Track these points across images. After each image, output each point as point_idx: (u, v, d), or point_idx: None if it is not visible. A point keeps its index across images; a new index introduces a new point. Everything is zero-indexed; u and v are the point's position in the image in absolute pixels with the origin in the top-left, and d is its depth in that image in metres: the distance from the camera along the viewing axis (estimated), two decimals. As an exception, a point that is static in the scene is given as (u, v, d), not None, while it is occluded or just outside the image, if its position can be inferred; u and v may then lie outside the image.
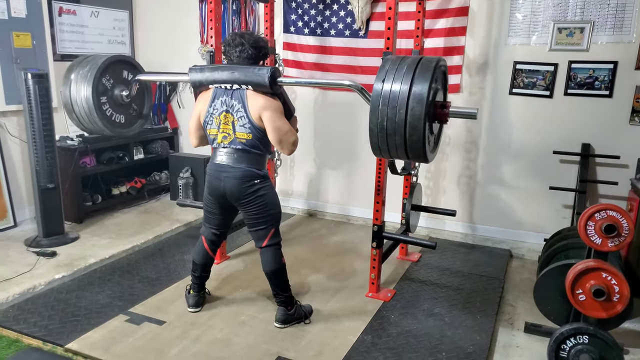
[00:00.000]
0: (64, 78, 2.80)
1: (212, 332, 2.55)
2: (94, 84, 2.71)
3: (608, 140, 3.58)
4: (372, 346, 2.47)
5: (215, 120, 2.50)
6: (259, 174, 2.51)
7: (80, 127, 2.90)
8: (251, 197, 2.50)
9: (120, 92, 2.91)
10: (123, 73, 2.96)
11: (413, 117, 2.07)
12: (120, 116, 2.94)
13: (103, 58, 2.84)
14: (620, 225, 2.02)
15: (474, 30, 3.85)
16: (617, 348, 2.04)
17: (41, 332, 2.50)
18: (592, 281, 2.04)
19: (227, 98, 2.48)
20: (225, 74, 2.47)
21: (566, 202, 3.79)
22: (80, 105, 2.75)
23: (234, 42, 2.52)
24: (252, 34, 2.58)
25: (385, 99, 2.12)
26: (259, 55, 2.56)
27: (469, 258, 3.72)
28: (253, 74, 2.42)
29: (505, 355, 2.51)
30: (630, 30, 3.42)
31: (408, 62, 2.19)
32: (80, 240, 3.69)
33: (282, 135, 2.45)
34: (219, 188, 2.53)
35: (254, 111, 2.43)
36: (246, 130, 2.45)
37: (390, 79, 2.13)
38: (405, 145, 2.14)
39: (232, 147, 2.49)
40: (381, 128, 2.15)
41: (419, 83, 2.08)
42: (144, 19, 5.03)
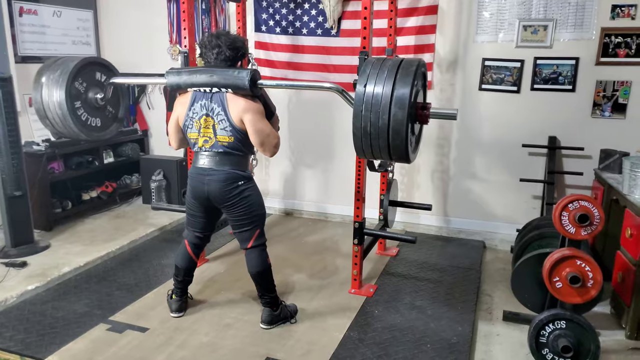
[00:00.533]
0: (34, 82, 2.70)
1: (198, 336, 2.53)
2: (66, 88, 2.62)
3: (572, 133, 3.73)
4: (359, 342, 2.51)
5: (196, 124, 2.47)
6: (242, 175, 2.50)
7: (54, 132, 2.80)
8: (235, 199, 2.49)
9: (94, 95, 2.83)
10: (96, 75, 2.88)
11: (396, 122, 2.11)
12: (96, 119, 2.86)
13: (75, 61, 2.75)
14: (592, 215, 2.12)
15: (443, 28, 3.93)
16: (592, 331, 2.15)
17: (18, 347, 2.41)
18: (568, 269, 2.13)
19: (207, 102, 2.45)
20: (203, 77, 2.43)
21: (535, 193, 3.93)
22: (54, 111, 2.65)
23: (211, 44, 2.48)
24: (229, 34, 2.54)
25: (367, 103, 2.15)
26: (237, 56, 2.53)
27: (445, 250, 3.82)
28: (233, 77, 2.39)
29: (486, 344, 2.59)
30: (590, 28, 3.57)
31: (389, 65, 2.21)
32: (51, 249, 3.57)
33: (264, 137, 2.45)
34: (203, 191, 2.50)
35: (235, 114, 2.41)
36: (227, 133, 2.43)
37: (372, 82, 2.16)
38: (389, 148, 2.18)
39: (214, 150, 2.46)
40: (365, 133, 2.19)
41: (400, 87, 2.11)
42: (109, 19, 4.90)
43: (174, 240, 3.93)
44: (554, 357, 2.19)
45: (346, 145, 4.38)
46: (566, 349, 2.10)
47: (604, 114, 3.63)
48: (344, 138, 4.37)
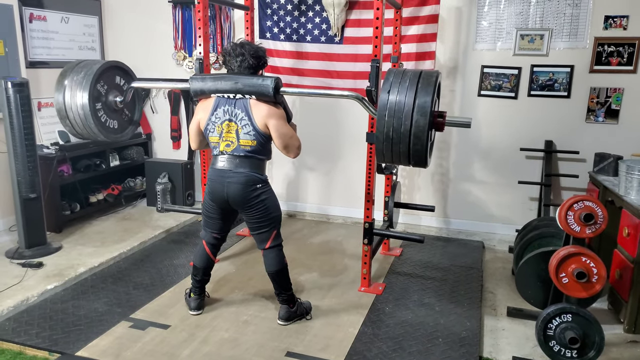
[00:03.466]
0: (56, 83, 2.77)
1: (219, 332, 2.62)
2: (90, 89, 2.70)
3: (568, 137, 3.91)
4: (373, 337, 2.62)
5: (217, 129, 2.57)
6: (260, 178, 2.60)
7: (73, 133, 2.87)
8: (254, 202, 2.59)
9: (114, 98, 2.91)
10: (116, 79, 2.96)
11: (417, 128, 2.25)
12: (114, 122, 2.94)
13: (98, 64, 2.83)
14: (596, 214, 2.27)
15: (444, 37, 4.09)
16: (596, 323, 2.29)
17: (45, 343, 2.48)
18: (574, 265, 2.28)
19: (230, 107, 2.55)
20: (228, 84, 2.53)
21: (532, 195, 4.10)
22: (76, 112, 2.73)
23: (235, 52, 2.59)
24: (251, 44, 2.66)
25: (391, 110, 2.29)
26: (259, 64, 2.64)
27: (446, 250, 3.95)
28: (257, 84, 2.51)
29: (494, 338, 2.72)
30: (584, 37, 3.75)
31: (410, 76, 2.36)
32: (64, 250, 3.63)
33: (288, 140, 2.58)
34: (222, 193, 2.59)
35: (259, 119, 2.52)
36: (251, 137, 2.54)
37: (395, 91, 2.30)
38: (409, 153, 2.32)
39: (235, 153, 2.56)
40: (387, 137, 2.31)
41: (422, 96, 2.26)
42: (113, 25, 4.96)
43: (182, 242, 4.01)
44: (560, 348, 2.33)
45: (348, 148, 4.52)
46: (573, 341, 2.24)
47: (597, 119, 3.82)
48: (346, 141, 4.51)
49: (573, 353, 2.32)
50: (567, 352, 2.32)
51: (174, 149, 5.11)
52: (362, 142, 4.29)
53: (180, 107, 4.98)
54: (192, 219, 4.48)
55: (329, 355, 2.44)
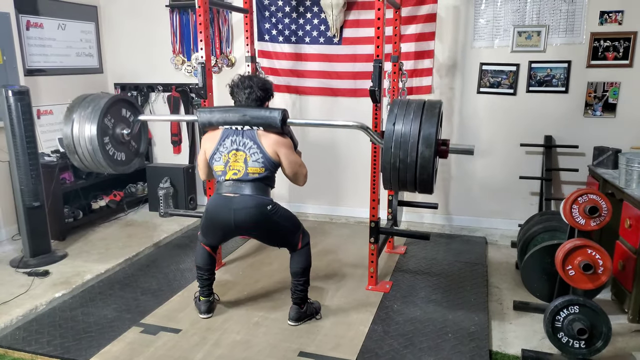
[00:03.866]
0: (64, 118, 2.79)
1: (230, 335, 2.64)
2: (98, 124, 2.72)
3: (567, 132, 3.95)
4: (384, 334, 2.65)
5: (223, 158, 2.60)
6: (268, 200, 2.60)
7: (81, 167, 2.88)
8: (267, 225, 2.59)
9: (121, 130, 2.94)
10: (122, 112, 2.98)
11: (423, 159, 2.31)
12: (121, 154, 2.96)
13: (105, 98, 2.86)
14: (600, 207, 2.30)
15: (442, 35, 4.12)
16: (603, 314, 2.32)
17: (57, 351, 2.48)
18: (580, 257, 2.31)
19: (238, 138, 2.60)
20: (237, 116, 2.59)
21: (532, 189, 4.14)
22: (84, 146, 2.74)
23: (243, 85, 2.67)
24: (259, 77, 2.76)
25: (397, 141, 2.35)
26: (266, 96, 2.72)
27: (450, 247, 3.99)
28: (265, 116, 2.57)
29: (501, 332, 2.75)
30: (581, 33, 3.80)
31: (414, 107, 2.42)
32: (69, 258, 3.63)
33: (297, 168, 2.65)
34: (229, 219, 2.56)
35: (269, 147, 2.57)
36: (259, 164, 2.57)
37: (400, 122, 2.36)
38: (416, 182, 2.38)
39: (243, 179, 2.56)
40: (394, 167, 2.37)
41: (427, 127, 2.32)
42: (110, 30, 4.96)
43: (187, 246, 4.02)
44: (568, 340, 2.36)
45: (350, 149, 4.54)
46: (582, 332, 2.27)
47: (595, 113, 3.86)
48: (348, 142, 4.53)
49: (581, 344, 2.35)
50: (575, 343, 2.35)
51: (175, 153, 5.11)
52: (364, 141, 4.33)
53: (179, 111, 4.98)
54: (196, 223, 4.48)
55: (341, 354, 2.46)
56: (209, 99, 3.31)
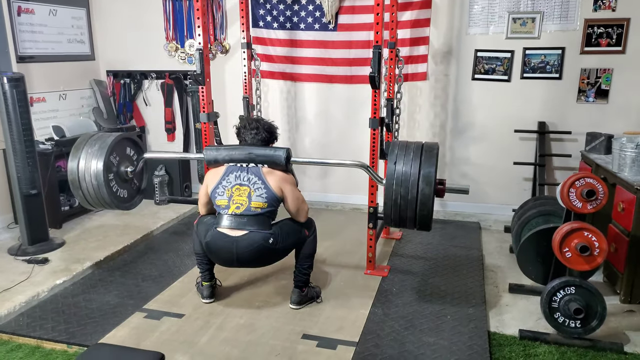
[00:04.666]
0: (71, 155, 2.83)
1: (234, 319, 2.67)
2: (105, 160, 2.77)
3: (560, 118, 4.02)
4: (385, 317, 2.70)
5: (227, 192, 2.62)
6: (269, 233, 2.59)
7: (83, 202, 2.91)
8: (272, 256, 2.65)
9: (125, 168, 2.98)
10: (127, 150, 3.02)
11: (423, 196, 2.40)
12: (124, 191, 3.01)
13: (112, 137, 2.89)
14: (597, 190, 2.36)
15: (437, 22, 4.14)
16: (598, 294, 2.40)
17: (63, 336, 2.50)
18: (576, 240, 2.37)
19: (243, 173, 2.64)
20: (242, 154, 2.67)
21: (526, 175, 4.21)
22: (89, 182, 2.77)
23: (250, 126, 2.77)
24: (266, 120, 2.85)
25: (398, 179, 2.44)
26: (271, 138, 2.83)
27: (445, 232, 4.05)
28: (270, 154, 2.66)
29: (498, 313, 2.82)
30: (575, 19, 3.84)
31: (413, 148, 2.51)
32: (67, 245, 3.62)
33: (299, 204, 2.71)
34: (230, 258, 2.60)
35: (275, 184, 2.62)
36: (263, 199, 2.60)
37: (400, 162, 2.45)
38: (415, 218, 2.46)
39: (245, 213, 2.58)
40: (395, 203, 2.45)
41: (426, 167, 2.41)
42: (102, 17, 4.90)
43: (184, 233, 4.03)
44: (565, 319, 2.44)
45: (345, 136, 4.56)
46: (578, 311, 2.34)
47: (588, 99, 3.93)
48: (343, 130, 4.55)
49: (577, 323, 2.43)
50: (572, 322, 2.43)
51: (169, 141, 5.09)
52: (359, 128, 4.36)
53: (173, 99, 4.96)
54: (192, 210, 4.49)
55: (344, 336, 2.51)
56: (206, 85, 3.31)
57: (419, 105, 4.34)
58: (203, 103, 3.33)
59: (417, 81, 4.29)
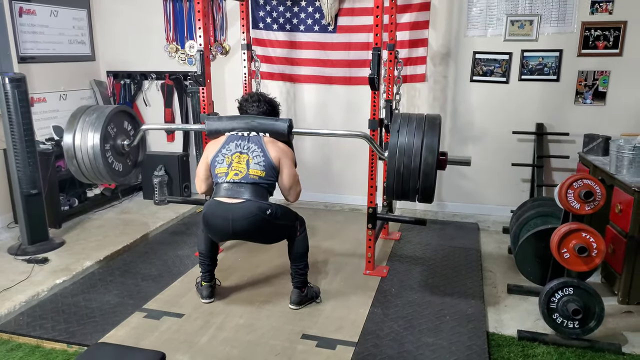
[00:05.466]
0: (67, 123, 2.81)
1: (233, 319, 2.68)
2: (102, 129, 2.75)
3: (558, 119, 4.04)
4: (384, 317, 2.72)
5: (227, 160, 2.62)
6: (267, 204, 2.58)
7: (77, 173, 2.88)
8: (266, 230, 2.61)
9: (122, 141, 2.98)
10: (124, 124, 3.02)
11: (426, 165, 2.41)
12: (119, 164, 3.00)
13: (109, 108, 2.89)
14: (595, 191, 2.38)
15: (436, 24, 4.17)
16: (597, 295, 2.42)
17: (63, 336, 2.51)
18: (574, 241, 2.39)
19: (244, 142, 2.65)
20: (244, 122, 2.69)
21: (524, 176, 4.23)
22: (85, 151, 2.76)
23: (252, 99, 2.80)
24: (267, 95, 2.86)
25: (401, 149, 2.44)
26: (273, 111, 2.84)
27: (443, 233, 4.07)
28: (272, 123, 2.68)
29: (497, 314, 2.84)
30: (572, 22, 3.87)
31: (416, 119, 2.52)
32: (67, 245, 3.63)
33: (293, 182, 2.69)
34: (226, 229, 2.55)
35: (274, 153, 2.62)
36: (261, 167, 2.60)
37: (404, 132, 2.46)
38: (417, 189, 2.47)
39: (243, 181, 2.56)
40: (397, 174, 2.46)
41: (429, 136, 2.42)
42: (103, 17, 4.91)
43: (184, 233, 4.04)
44: (563, 320, 2.45)
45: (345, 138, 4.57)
46: (576, 312, 2.36)
47: (585, 101, 3.95)
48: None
49: (575, 324, 2.45)
50: (570, 323, 2.45)
51: (168, 141, 5.10)
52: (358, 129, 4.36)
53: (173, 100, 4.97)
54: (191, 211, 4.50)
55: (343, 336, 2.52)
56: (207, 86, 3.32)
57: (418, 106, 4.36)
58: (203, 104, 3.34)
59: (416, 82, 4.31)
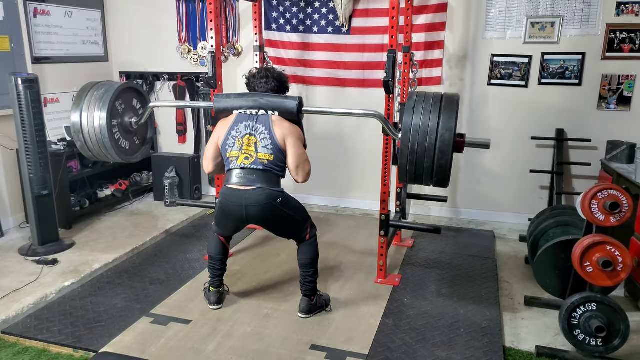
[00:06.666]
0: (75, 97, 2.77)
1: (241, 327, 2.62)
2: (109, 105, 2.70)
3: (579, 125, 3.91)
4: (396, 328, 2.63)
5: (238, 143, 2.56)
6: (279, 191, 2.56)
7: (84, 149, 2.84)
8: (278, 217, 2.57)
9: (129, 119, 2.93)
10: (133, 101, 2.97)
11: (442, 143, 2.29)
12: (126, 142, 2.95)
13: (117, 84, 2.84)
14: (621, 203, 2.27)
15: (453, 26, 4.06)
16: (621, 312, 2.30)
17: (69, 340, 2.47)
18: (598, 254, 2.28)
19: (252, 122, 2.57)
20: (252, 100, 2.60)
21: (542, 183, 4.10)
22: (91, 126, 2.71)
23: (260, 75, 2.69)
24: (276, 69, 2.75)
25: (416, 127, 2.34)
26: (282, 88, 2.73)
27: (458, 241, 3.96)
28: (281, 101, 2.58)
29: (514, 327, 2.73)
30: (596, 24, 3.74)
31: (433, 96, 2.42)
32: (76, 246, 3.61)
33: (301, 162, 2.58)
34: (240, 214, 2.54)
35: (280, 134, 2.54)
36: (268, 151, 2.53)
37: (419, 110, 2.36)
38: (433, 169, 2.35)
39: (253, 167, 2.52)
40: (412, 151, 2.34)
41: (447, 113, 2.32)
42: (116, 18, 4.90)
43: (193, 236, 4.00)
44: (585, 337, 2.34)
45: (356, 141, 4.50)
46: (600, 329, 2.24)
47: (609, 106, 3.81)
48: (354, 134, 4.49)
49: (598, 342, 2.33)
50: (592, 340, 2.34)
51: (180, 143, 5.08)
52: (370, 133, 4.30)
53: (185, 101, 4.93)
54: (201, 213, 4.46)
55: (353, 348, 2.44)
56: (218, 88, 3.27)
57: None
58: (214, 106, 3.29)
59: (431, 85, 4.21)
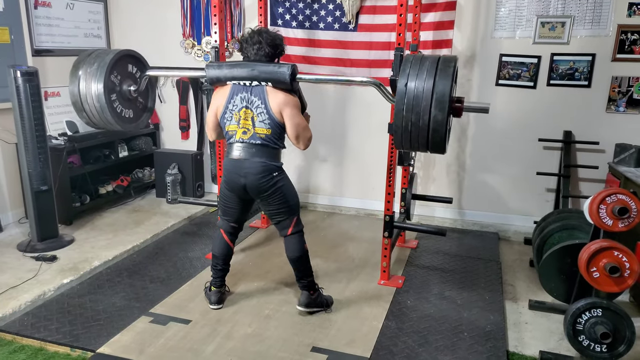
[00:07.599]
0: (70, 75, 2.71)
1: (242, 327, 2.58)
2: (104, 81, 2.65)
3: (587, 127, 3.84)
4: (398, 331, 2.59)
5: (235, 117, 2.53)
6: (276, 166, 2.57)
7: (89, 124, 2.83)
8: (271, 190, 2.56)
9: (128, 87, 2.86)
10: (129, 67, 2.90)
11: (438, 106, 2.22)
12: (129, 111, 2.90)
13: (110, 54, 2.76)
14: (630, 207, 2.22)
15: (461, 24, 4.00)
16: (627, 318, 2.25)
17: (67, 339, 2.44)
18: (605, 260, 2.23)
19: (247, 94, 2.51)
20: (244, 71, 2.51)
21: (548, 186, 4.05)
22: (91, 103, 2.68)
23: (252, 40, 2.57)
24: (269, 31, 2.62)
25: (410, 93, 2.27)
26: (276, 53, 2.61)
27: (462, 242, 3.91)
28: (274, 71, 2.48)
29: (517, 332, 2.69)
30: (607, 25, 3.67)
31: (429, 59, 2.34)
32: (76, 243, 3.57)
33: (300, 131, 2.54)
34: (239, 183, 2.56)
35: (275, 107, 2.49)
36: (265, 125, 2.50)
37: (414, 76, 2.28)
38: (428, 133, 2.28)
39: (251, 141, 2.52)
40: (406, 115, 2.28)
41: (443, 75, 2.24)
42: (119, 11, 4.85)
43: (195, 234, 3.96)
44: (590, 343, 2.29)
45: (360, 138, 4.45)
46: (605, 336, 2.20)
47: (618, 109, 3.75)
48: (359, 132, 4.44)
49: (603, 348, 2.28)
50: (597, 346, 2.29)
51: (183, 139, 5.03)
52: (375, 132, 4.25)
53: (188, 97, 4.89)
54: (203, 211, 4.42)
55: (355, 350, 2.40)
56: (222, 84, 3.22)
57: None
58: (217, 102, 3.24)
59: (438, 85, 4.14)
